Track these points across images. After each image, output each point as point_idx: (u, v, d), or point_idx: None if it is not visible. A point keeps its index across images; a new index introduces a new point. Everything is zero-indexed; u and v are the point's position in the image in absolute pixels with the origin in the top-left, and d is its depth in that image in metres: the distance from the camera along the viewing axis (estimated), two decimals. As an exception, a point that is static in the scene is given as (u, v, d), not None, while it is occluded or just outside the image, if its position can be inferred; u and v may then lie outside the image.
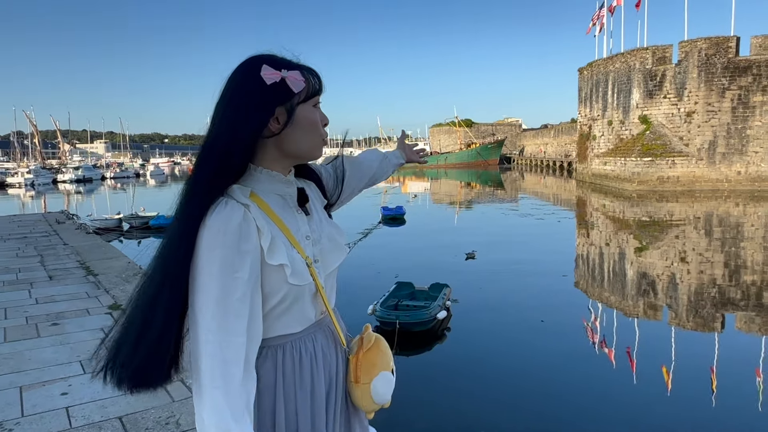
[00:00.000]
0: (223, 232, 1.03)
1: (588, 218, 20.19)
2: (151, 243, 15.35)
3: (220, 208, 1.06)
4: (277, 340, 1.15)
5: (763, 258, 12.37)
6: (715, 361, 6.60)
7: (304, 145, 1.17)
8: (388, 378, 1.29)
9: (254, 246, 1.07)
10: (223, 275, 1.01)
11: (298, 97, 1.13)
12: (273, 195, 1.17)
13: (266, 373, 1.14)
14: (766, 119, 24.93)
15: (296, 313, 1.17)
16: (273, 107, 1.12)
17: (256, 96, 1.11)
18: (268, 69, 1.10)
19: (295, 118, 1.14)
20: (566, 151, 52.05)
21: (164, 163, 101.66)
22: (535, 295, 9.56)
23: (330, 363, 1.26)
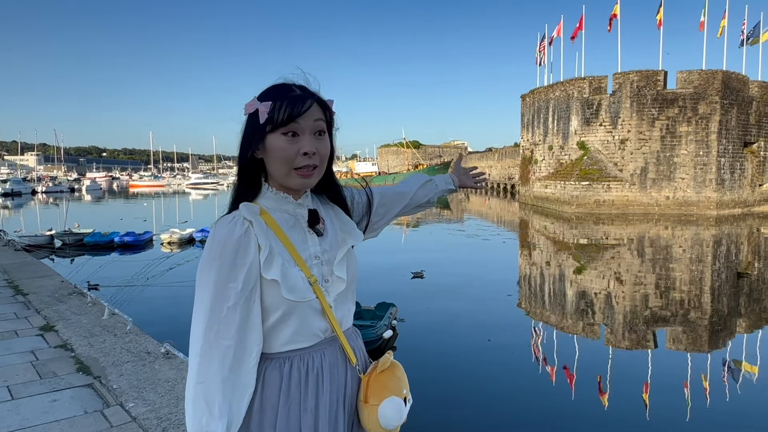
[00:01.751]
0: (223, 244, 1.13)
1: (530, 239, 20.86)
2: (86, 261, 14.61)
3: (224, 222, 1.18)
4: (286, 353, 1.22)
5: (689, 278, 13.16)
6: (648, 375, 6.93)
7: (276, 173, 1.24)
8: (398, 404, 1.28)
9: (251, 260, 1.15)
10: (217, 284, 1.11)
11: (266, 126, 1.20)
12: (283, 213, 1.26)
13: (272, 380, 1.21)
14: (690, 148, 26.72)
15: (301, 328, 1.22)
16: (253, 137, 1.22)
17: (246, 125, 1.24)
18: (251, 102, 1.21)
19: (265, 145, 1.22)
20: (510, 174, 53.71)
21: (102, 177, 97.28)
22: (482, 314, 9.75)
23: (339, 381, 1.28)
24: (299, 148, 1.20)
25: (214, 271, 1.11)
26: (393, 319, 8.04)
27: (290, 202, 1.26)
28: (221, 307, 1.10)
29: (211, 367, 1.10)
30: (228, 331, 1.11)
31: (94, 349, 4.94)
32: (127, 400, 3.81)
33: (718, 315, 10.08)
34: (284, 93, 1.21)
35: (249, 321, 1.14)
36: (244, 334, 1.13)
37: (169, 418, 3.53)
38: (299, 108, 1.20)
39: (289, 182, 1.23)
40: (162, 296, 10.38)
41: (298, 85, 1.25)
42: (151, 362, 4.60)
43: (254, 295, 1.15)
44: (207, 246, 1.16)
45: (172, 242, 17.55)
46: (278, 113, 1.19)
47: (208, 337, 1.10)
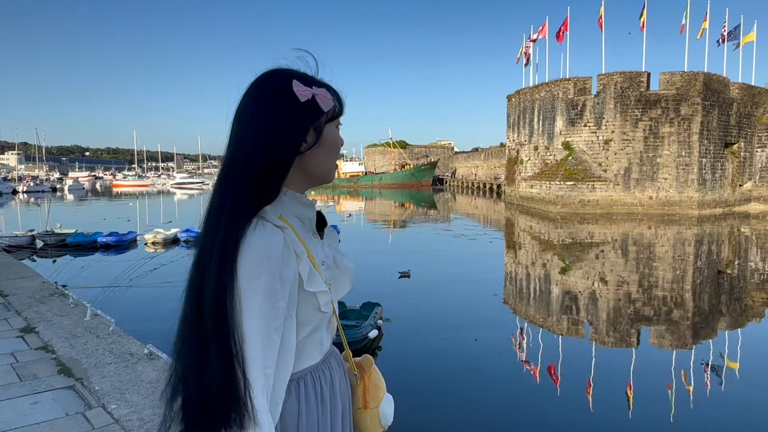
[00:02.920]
0: (267, 257, 0.96)
1: (516, 239, 20.99)
2: (68, 262, 14.41)
3: (260, 231, 0.98)
4: (300, 372, 1.11)
5: (672, 277, 13.33)
6: (631, 374, 7.01)
7: (324, 167, 1.12)
8: (390, 399, 1.30)
9: (294, 273, 1.02)
10: (265, 305, 0.95)
11: (326, 116, 1.09)
12: (294, 218, 1.11)
13: (290, 407, 1.08)
14: (673, 149, 27.09)
15: (317, 341, 1.13)
16: (307, 126, 1.06)
17: (292, 114, 1.04)
18: (299, 85, 1.04)
19: (323, 138, 1.09)
20: (496, 174, 54.03)
21: (84, 177, 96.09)
22: (468, 313, 9.78)
23: (344, 390, 1.23)
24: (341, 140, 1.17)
25: (263, 290, 0.95)
26: (378, 319, 8.03)
27: (304, 204, 1.13)
28: (270, 331, 0.96)
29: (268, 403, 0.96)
30: (272, 357, 0.97)
31: (75, 350, 4.87)
32: (109, 402, 3.76)
33: (699, 313, 10.23)
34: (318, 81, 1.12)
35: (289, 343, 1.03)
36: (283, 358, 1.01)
37: (152, 419, 3.49)
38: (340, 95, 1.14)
39: (331, 175, 1.15)
40: (146, 297, 10.27)
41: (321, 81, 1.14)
42: (134, 363, 4.54)
43: (292, 311, 1.02)
44: (245, 263, 0.96)
45: (157, 242, 17.37)
46: (338, 102, 1.12)
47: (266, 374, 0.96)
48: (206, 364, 0.94)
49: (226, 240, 0.97)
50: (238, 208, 1.00)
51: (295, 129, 1.04)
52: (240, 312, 0.95)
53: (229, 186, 1.02)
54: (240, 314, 0.95)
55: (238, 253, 0.96)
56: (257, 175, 1.01)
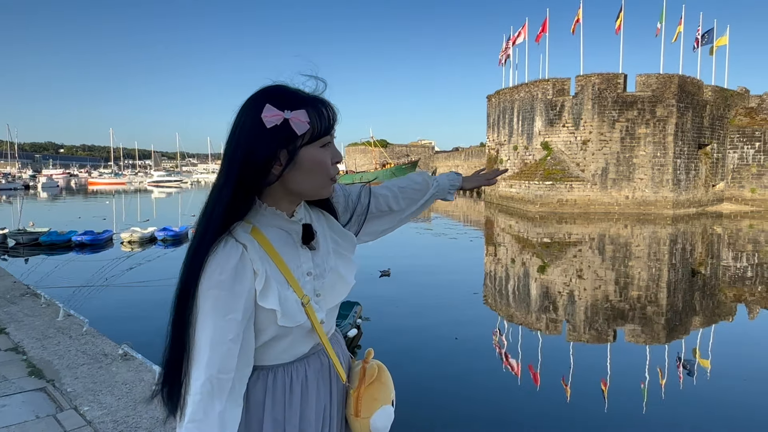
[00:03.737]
0: (219, 272, 1.04)
1: (496, 238, 21.16)
2: (41, 261, 14.09)
3: (219, 248, 1.06)
4: (272, 365, 1.18)
5: (647, 275, 13.58)
6: (607, 370, 7.12)
7: (306, 185, 1.14)
8: (388, 412, 1.29)
9: (248, 287, 1.07)
10: (216, 316, 1.03)
11: (301, 139, 1.09)
12: (277, 229, 1.16)
13: (257, 393, 1.16)
14: (648, 149, 27.58)
15: (288, 347, 1.18)
16: (274, 150, 1.08)
17: (260, 138, 1.08)
18: (270, 110, 1.07)
19: (298, 160, 1.10)
20: (476, 173, 54.32)
21: (59, 174, 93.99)
22: (449, 312, 9.82)
23: (324, 393, 1.25)
24: (332, 157, 1.15)
25: (211, 302, 1.03)
26: (358, 318, 8.03)
27: (283, 219, 1.17)
28: (223, 341, 1.04)
29: (212, 405, 1.03)
30: (230, 365, 1.05)
31: (47, 351, 4.76)
32: (81, 404, 3.68)
33: (673, 310, 10.44)
34: (313, 100, 1.13)
35: (246, 349, 1.08)
36: (242, 363, 1.08)
37: (126, 421, 3.43)
38: (332, 116, 1.13)
39: (322, 192, 1.17)
40: (121, 297, 10.10)
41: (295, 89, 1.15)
42: (108, 364, 4.46)
43: (251, 322, 1.09)
44: (202, 278, 1.05)
45: (133, 241, 17.10)
46: (319, 124, 1.11)
47: (210, 375, 1.03)
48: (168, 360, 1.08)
49: (196, 254, 1.07)
50: (209, 220, 1.09)
51: (262, 153, 1.08)
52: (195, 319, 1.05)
53: (212, 205, 1.11)
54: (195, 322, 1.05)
55: (203, 263, 1.05)
56: (229, 193, 1.09)
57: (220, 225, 1.08)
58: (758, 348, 8.34)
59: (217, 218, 1.08)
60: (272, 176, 1.11)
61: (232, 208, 1.10)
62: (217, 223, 1.08)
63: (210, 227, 1.08)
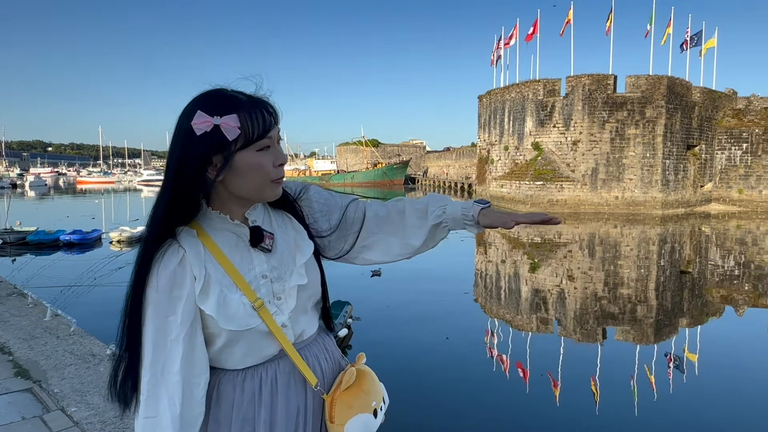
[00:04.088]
0: (157, 277, 1.07)
1: (487, 238, 21.21)
2: (28, 260, 13.93)
3: (160, 253, 1.09)
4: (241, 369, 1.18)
5: (636, 275, 13.68)
6: (597, 367, 7.16)
7: (246, 189, 1.13)
8: (364, 421, 1.23)
9: (188, 291, 1.09)
10: (156, 317, 1.07)
11: (235, 144, 1.06)
12: (226, 233, 1.17)
13: (225, 395, 1.18)
14: (638, 150, 27.79)
15: (249, 350, 1.17)
16: (208, 156, 1.07)
17: (192, 145, 1.07)
18: (201, 117, 1.05)
19: (234, 165, 1.09)
20: (467, 173, 54.54)
21: (47, 173, 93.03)
22: (440, 311, 9.84)
23: (296, 395, 1.22)
24: (274, 160, 1.12)
25: (151, 306, 1.07)
26: (348, 318, 8.01)
27: (228, 222, 1.16)
28: (164, 341, 1.07)
29: (160, 403, 1.07)
30: (173, 365, 1.07)
31: (34, 352, 4.70)
32: (69, 405, 3.64)
33: (662, 310, 10.52)
34: (239, 102, 1.08)
35: (194, 352, 1.10)
36: (191, 366, 1.10)
37: (114, 422, 3.39)
38: (270, 119, 1.10)
39: (265, 195, 1.15)
40: (110, 297, 9.99)
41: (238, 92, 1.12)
42: (95, 365, 4.41)
43: (196, 325, 1.10)
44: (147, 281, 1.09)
45: (122, 241, 16.95)
46: (252, 128, 1.07)
47: (155, 373, 1.07)
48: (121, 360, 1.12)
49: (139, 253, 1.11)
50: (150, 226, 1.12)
51: (195, 160, 1.07)
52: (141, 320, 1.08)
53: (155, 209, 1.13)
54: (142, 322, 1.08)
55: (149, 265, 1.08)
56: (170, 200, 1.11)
57: (160, 230, 1.10)
58: (745, 346, 8.43)
59: (157, 224, 1.11)
60: (209, 181, 1.09)
61: (171, 213, 1.11)
62: (156, 229, 1.10)
63: (151, 232, 1.10)
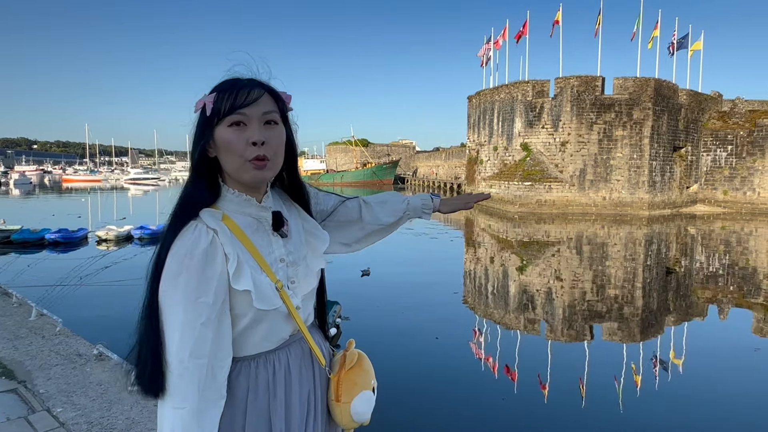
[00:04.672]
0: (189, 257, 1.06)
1: (476, 238, 21.31)
2: (13, 259, 13.74)
3: (187, 233, 1.09)
4: (252, 356, 1.19)
5: (623, 275, 13.81)
6: (585, 367, 7.22)
7: (228, 167, 1.18)
8: (368, 397, 1.34)
9: (220, 271, 1.09)
10: (186, 300, 1.05)
11: (214, 119, 1.15)
12: (246, 216, 1.21)
13: (239, 387, 1.17)
14: (625, 152, 28.05)
15: (268, 333, 1.19)
16: (203, 131, 1.16)
17: (197, 122, 1.18)
18: (202, 98, 1.16)
19: (214, 140, 1.16)
20: (456, 173, 54.70)
21: (32, 171, 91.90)
22: (429, 311, 9.86)
23: (307, 380, 1.28)
24: (247, 138, 1.15)
25: (181, 287, 1.05)
26: (337, 317, 8.01)
27: (253, 205, 1.21)
28: (194, 325, 1.05)
29: (190, 391, 1.06)
30: (203, 349, 1.06)
31: (19, 352, 4.65)
32: (54, 405, 3.60)
33: (648, 309, 10.63)
34: (231, 84, 1.18)
35: (221, 334, 1.10)
36: (218, 349, 1.09)
37: (101, 422, 3.36)
38: (244, 97, 1.15)
39: (243, 176, 1.17)
40: (96, 296, 9.91)
41: (247, 78, 1.21)
42: (82, 365, 4.37)
43: (225, 307, 1.11)
44: (170, 260, 1.08)
45: (109, 240, 16.79)
46: (223, 103, 1.15)
47: (183, 358, 1.05)
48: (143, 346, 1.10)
49: (164, 236, 1.12)
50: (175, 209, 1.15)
51: (195, 135, 1.18)
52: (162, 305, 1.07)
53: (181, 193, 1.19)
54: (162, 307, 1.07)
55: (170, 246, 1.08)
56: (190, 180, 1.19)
57: (185, 210, 1.13)
58: (729, 345, 8.55)
59: (181, 204, 1.15)
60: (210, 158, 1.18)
61: (193, 194, 1.16)
62: (181, 209, 1.14)
63: (176, 213, 1.14)
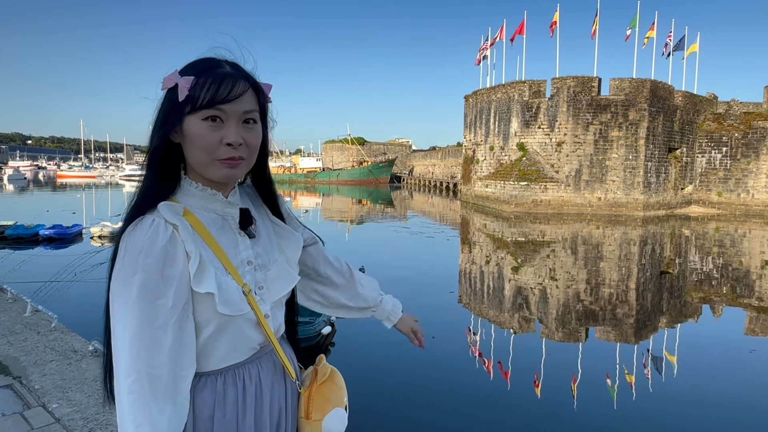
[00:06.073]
0: (145, 254, 0.94)
1: (472, 237, 21.35)
2: (6, 255, 13.67)
3: (143, 228, 0.97)
4: (218, 370, 1.07)
5: (618, 276, 13.88)
6: (578, 367, 7.26)
7: (193, 161, 1.05)
8: (341, 415, 1.21)
9: (180, 271, 0.97)
10: (142, 302, 0.93)
11: (186, 106, 1.01)
12: (210, 213, 1.08)
13: (203, 404, 1.04)
14: (621, 152, 28.15)
15: (236, 342, 1.07)
16: (167, 114, 1.03)
17: (163, 101, 1.05)
18: (171, 75, 1.02)
19: (183, 129, 1.03)
20: (452, 173, 54.74)
21: (26, 166, 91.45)
22: (425, 310, 9.87)
23: (279, 395, 1.16)
24: (222, 137, 1.02)
25: (137, 288, 0.92)
26: (332, 316, 8.02)
27: (219, 201, 1.08)
28: (150, 330, 0.93)
29: (151, 408, 0.93)
30: (159, 358, 0.94)
31: (14, 348, 4.64)
32: (50, 401, 3.60)
33: (643, 310, 10.69)
34: (211, 68, 1.03)
35: (182, 342, 0.97)
36: (179, 358, 0.97)
37: (97, 418, 3.36)
38: (227, 90, 1.01)
39: (210, 173, 1.04)
40: (91, 292, 9.87)
41: (231, 63, 1.07)
42: (77, 361, 4.37)
43: (188, 310, 0.98)
44: (123, 258, 0.95)
45: (103, 236, 16.72)
46: (201, 92, 1.00)
47: (139, 369, 0.92)
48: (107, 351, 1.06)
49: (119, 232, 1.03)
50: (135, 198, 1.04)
51: (158, 115, 1.05)
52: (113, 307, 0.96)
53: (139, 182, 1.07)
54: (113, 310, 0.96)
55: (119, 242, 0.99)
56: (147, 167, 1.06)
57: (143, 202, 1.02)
58: (722, 345, 8.61)
59: (136, 196, 1.04)
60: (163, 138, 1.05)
61: (153, 185, 1.04)
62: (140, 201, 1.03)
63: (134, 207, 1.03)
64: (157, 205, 1.01)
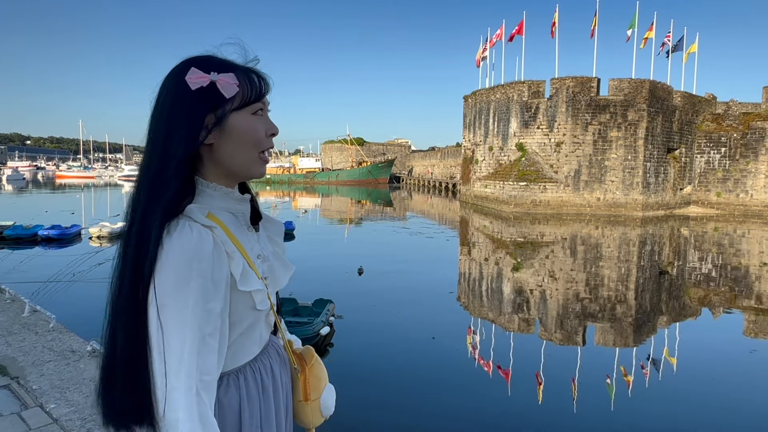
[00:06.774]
0: (198, 259, 0.92)
1: (471, 237, 21.34)
2: (5, 256, 13.66)
3: (185, 233, 0.93)
4: (240, 366, 1.09)
5: (617, 276, 13.88)
6: (577, 367, 7.25)
7: (238, 159, 1.04)
8: (331, 389, 1.28)
9: (226, 274, 0.98)
10: (197, 309, 0.91)
11: (230, 103, 0.99)
12: (225, 212, 1.07)
13: (231, 400, 1.05)
14: (620, 153, 28.17)
15: (257, 337, 1.11)
16: (202, 116, 0.98)
17: (185, 104, 0.98)
18: (195, 72, 0.98)
19: (227, 127, 1.01)
20: (451, 173, 54.75)
21: (25, 167, 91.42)
22: (425, 310, 9.86)
23: (285, 382, 1.21)
24: (267, 129, 1.05)
25: (194, 294, 0.90)
26: (331, 316, 8.00)
27: (233, 198, 1.08)
28: (204, 337, 0.92)
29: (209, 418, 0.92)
30: (211, 364, 0.94)
31: (12, 348, 4.63)
32: (48, 401, 3.59)
33: (642, 310, 10.69)
34: (243, 66, 1.05)
35: (224, 345, 1.00)
36: (221, 361, 0.99)
37: (94, 418, 3.35)
38: (266, 81, 1.05)
39: (255, 170, 1.06)
40: (90, 293, 9.85)
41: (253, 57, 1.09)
42: (75, 361, 4.36)
43: (226, 313, 0.99)
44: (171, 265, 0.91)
45: (102, 236, 16.71)
46: (249, 87, 1.02)
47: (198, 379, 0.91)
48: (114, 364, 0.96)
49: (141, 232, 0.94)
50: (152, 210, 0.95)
51: (186, 118, 0.97)
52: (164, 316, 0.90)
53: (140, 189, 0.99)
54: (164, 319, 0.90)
55: (158, 248, 0.92)
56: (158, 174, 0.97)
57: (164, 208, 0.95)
58: (721, 346, 8.60)
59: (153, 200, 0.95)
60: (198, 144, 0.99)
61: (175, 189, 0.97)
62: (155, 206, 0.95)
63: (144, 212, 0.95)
64: (185, 210, 0.98)
